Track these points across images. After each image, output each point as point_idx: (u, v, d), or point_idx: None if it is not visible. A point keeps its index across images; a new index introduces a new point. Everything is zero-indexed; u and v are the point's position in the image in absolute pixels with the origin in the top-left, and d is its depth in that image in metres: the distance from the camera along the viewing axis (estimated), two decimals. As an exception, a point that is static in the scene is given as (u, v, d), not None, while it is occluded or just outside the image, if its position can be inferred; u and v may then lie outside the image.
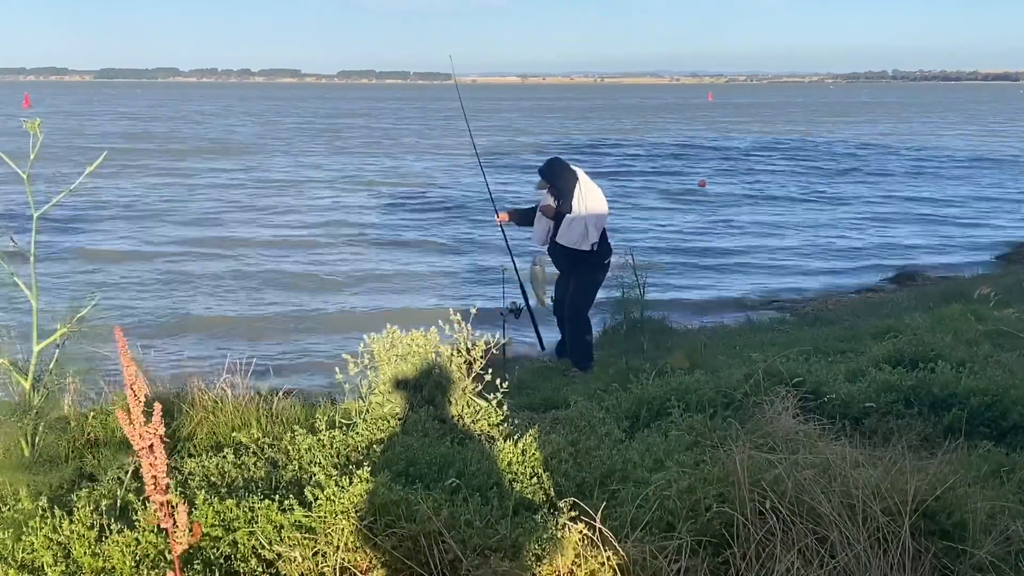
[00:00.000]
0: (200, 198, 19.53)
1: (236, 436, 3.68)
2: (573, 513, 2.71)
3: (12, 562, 2.58)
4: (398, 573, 2.57)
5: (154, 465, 1.81)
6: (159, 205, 18.18)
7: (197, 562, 2.57)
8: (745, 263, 13.84)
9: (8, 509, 2.99)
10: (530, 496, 3.06)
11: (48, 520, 2.68)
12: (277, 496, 2.79)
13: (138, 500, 2.84)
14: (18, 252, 3.57)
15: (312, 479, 2.94)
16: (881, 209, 19.48)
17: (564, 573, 2.52)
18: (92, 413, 4.01)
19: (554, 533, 2.60)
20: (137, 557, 2.57)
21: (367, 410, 3.90)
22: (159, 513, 1.85)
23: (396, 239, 15.02)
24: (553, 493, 3.09)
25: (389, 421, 3.76)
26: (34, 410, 3.46)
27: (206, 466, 3.26)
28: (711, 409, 3.98)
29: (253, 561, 2.62)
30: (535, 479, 3.16)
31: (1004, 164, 29.32)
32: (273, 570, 2.61)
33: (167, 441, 2.49)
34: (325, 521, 2.68)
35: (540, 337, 7.26)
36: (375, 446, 3.49)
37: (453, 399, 4.00)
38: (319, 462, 3.24)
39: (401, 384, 4.03)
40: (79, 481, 3.39)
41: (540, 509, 2.83)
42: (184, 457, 3.48)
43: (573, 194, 6.54)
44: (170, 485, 2.02)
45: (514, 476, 3.19)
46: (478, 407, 3.96)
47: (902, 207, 19.81)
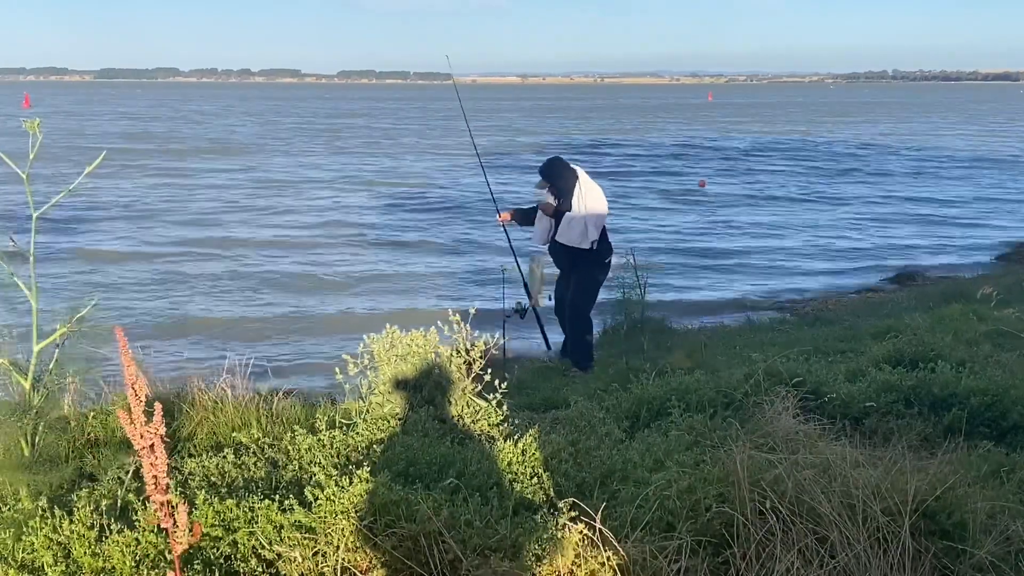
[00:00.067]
0: (200, 198, 19.52)
1: (236, 436, 3.68)
2: (573, 513, 2.71)
3: (12, 562, 2.58)
4: (398, 573, 2.57)
5: (155, 465, 1.81)
6: (158, 205, 18.18)
7: (197, 562, 2.57)
8: (745, 263, 13.83)
9: (8, 509, 2.99)
10: (530, 496, 3.06)
11: (48, 520, 2.68)
12: (277, 496, 2.79)
13: (138, 500, 2.84)
14: (18, 252, 3.57)
15: (312, 479, 2.94)
16: (881, 209, 19.48)
17: (564, 573, 2.52)
18: (92, 413, 4.01)
19: (554, 533, 2.60)
20: (137, 557, 2.57)
21: (367, 410, 3.90)
22: (159, 513, 1.85)
23: (396, 239, 15.01)
24: (553, 493, 3.09)
25: (389, 421, 3.76)
26: (34, 410, 3.46)
27: (206, 466, 3.26)
28: (711, 409, 3.98)
29: (253, 561, 2.62)
30: (535, 479, 3.16)
31: (1004, 164, 29.32)
32: (273, 570, 2.61)
33: (167, 441, 2.49)
34: (325, 521, 2.68)
35: (546, 337, 7.26)
36: (375, 446, 3.49)
37: (453, 399, 4.00)
38: (319, 462, 3.24)
39: (401, 384, 4.03)
40: (79, 481, 3.40)
41: (540, 509, 2.83)
42: (184, 457, 3.48)
43: (573, 193, 6.54)
44: (170, 485, 2.02)
45: (514, 476, 3.19)
46: (478, 407, 3.96)
47: (902, 207, 19.81)
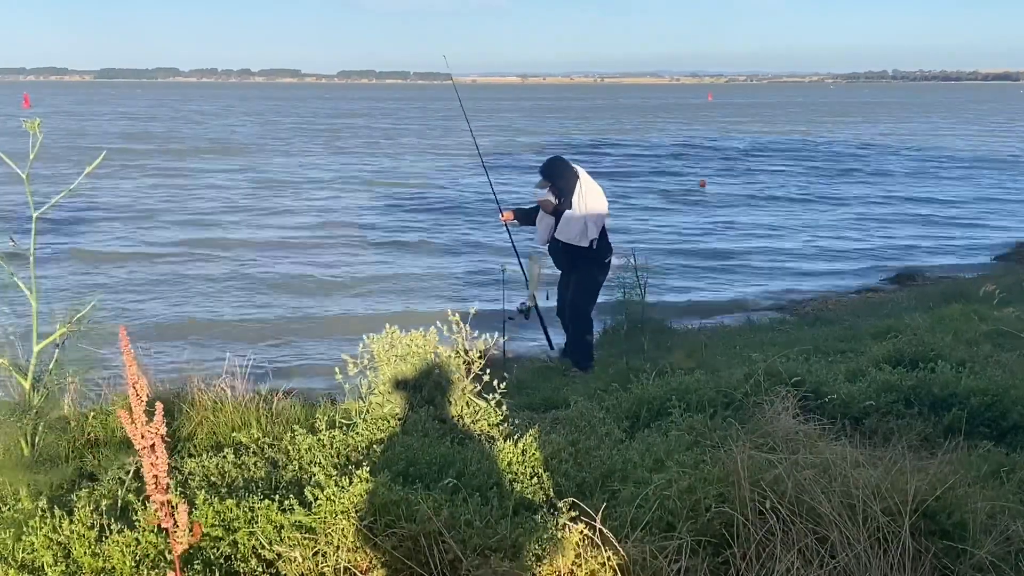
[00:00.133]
0: (199, 199, 19.52)
1: (236, 436, 3.68)
2: (573, 513, 2.71)
3: (12, 562, 2.58)
4: (398, 573, 2.57)
5: (155, 465, 1.81)
6: (158, 205, 18.17)
7: (197, 562, 2.57)
8: (745, 263, 13.83)
9: (8, 509, 2.99)
10: (530, 496, 3.06)
11: (48, 520, 2.68)
12: (277, 496, 2.79)
13: (138, 500, 2.84)
14: (18, 253, 3.57)
15: (312, 479, 2.94)
16: (881, 209, 19.49)
17: (564, 573, 2.52)
18: (92, 413, 4.01)
19: (554, 533, 2.60)
20: (137, 557, 2.57)
21: (367, 410, 3.90)
22: (159, 513, 1.85)
23: (395, 240, 15.01)
24: (553, 493, 3.09)
25: (389, 421, 3.76)
26: (34, 410, 3.46)
27: (206, 466, 3.26)
28: (711, 409, 3.98)
29: (253, 561, 2.62)
30: (535, 479, 3.16)
31: (1004, 164, 29.32)
32: (273, 570, 2.61)
33: (167, 441, 2.48)
34: (325, 521, 2.68)
35: (548, 337, 7.25)
36: (375, 446, 3.49)
37: (453, 399, 4.00)
38: (319, 462, 3.24)
39: (401, 384, 4.03)
40: (79, 481, 3.40)
41: (540, 509, 2.83)
42: (184, 457, 3.48)
43: (574, 192, 6.55)
44: (170, 485, 2.02)
45: (514, 476, 3.19)
46: (478, 407, 3.96)
47: (902, 207, 19.82)
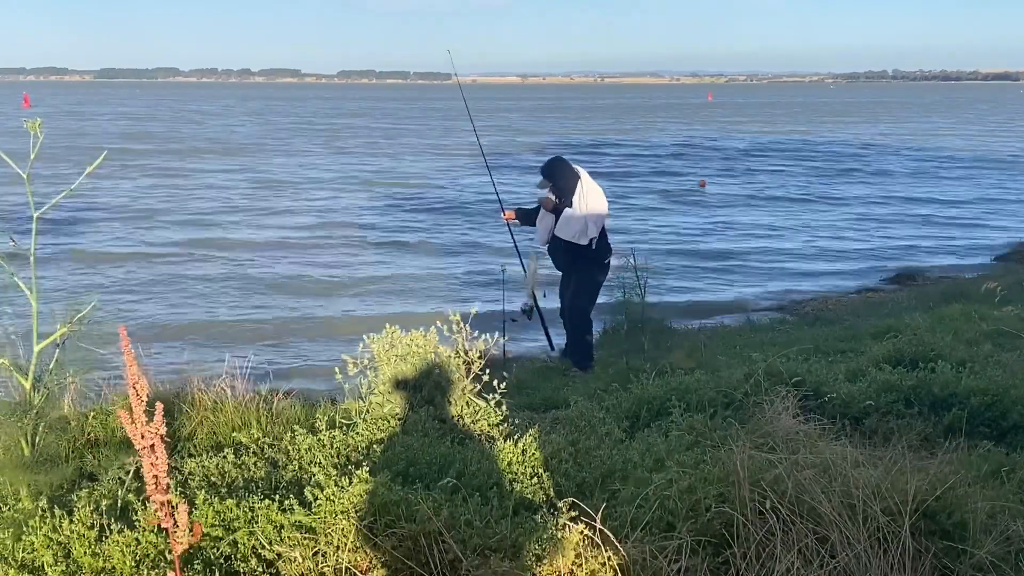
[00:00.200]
0: (199, 199, 19.53)
1: (236, 436, 3.68)
2: (573, 513, 2.71)
3: (12, 562, 2.58)
4: (398, 573, 2.57)
5: (155, 465, 1.81)
6: (158, 206, 18.17)
7: (197, 562, 2.57)
8: (745, 263, 13.84)
9: (8, 509, 2.99)
10: (530, 496, 3.06)
11: (48, 520, 2.68)
12: (277, 496, 2.79)
13: (138, 500, 2.84)
14: (17, 253, 3.57)
15: (312, 479, 2.94)
16: (881, 209, 19.49)
17: (564, 573, 2.52)
18: (92, 413, 4.01)
19: (554, 533, 2.60)
20: (137, 557, 2.57)
21: (367, 410, 3.90)
22: (159, 513, 1.85)
23: (396, 241, 15.00)
24: (553, 493, 3.09)
25: (389, 421, 3.76)
26: (34, 410, 3.46)
27: (206, 466, 3.26)
28: (711, 409, 3.98)
29: (253, 561, 2.62)
30: (535, 479, 3.16)
31: (1004, 164, 29.32)
32: (273, 570, 2.61)
33: (167, 441, 2.48)
34: (325, 521, 2.68)
35: (549, 338, 7.25)
36: (375, 446, 3.49)
37: (453, 399, 4.00)
38: (319, 462, 3.24)
39: (401, 384, 4.03)
40: (79, 481, 3.40)
41: (540, 509, 2.83)
42: (184, 457, 3.48)
43: (575, 192, 6.56)
44: (170, 485, 2.02)
45: (514, 476, 3.19)
46: (478, 407, 3.96)
47: (902, 207, 19.82)
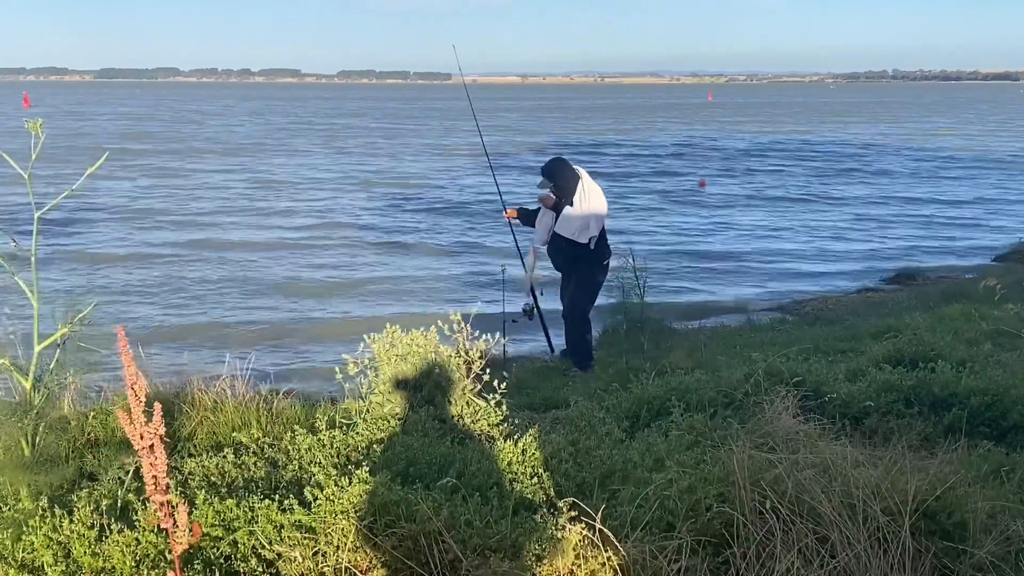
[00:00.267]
0: (199, 199, 19.52)
1: (236, 436, 3.68)
2: (573, 513, 2.71)
3: (12, 562, 2.58)
4: (398, 573, 2.57)
5: (154, 465, 1.81)
6: (157, 206, 18.15)
7: (197, 562, 2.57)
8: (745, 263, 13.83)
9: (8, 509, 2.99)
10: (530, 496, 3.06)
11: (48, 520, 2.68)
12: (277, 496, 2.79)
13: (138, 500, 2.84)
14: (18, 255, 3.57)
15: (312, 479, 2.94)
16: (881, 209, 19.48)
17: (564, 573, 2.52)
18: (92, 413, 4.01)
19: (554, 533, 2.60)
20: (137, 557, 2.57)
21: (367, 410, 3.90)
22: (159, 513, 1.85)
23: (396, 242, 14.98)
24: (553, 493, 3.09)
25: (389, 421, 3.76)
26: (35, 410, 3.46)
27: (206, 466, 3.26)
28: (711, 409, 3.98)
29: (253, 561, 2.62)
30: (535, 479, 3.16)
31: (1004, 164, 29.32)
32: (273, 570, 2.61)
33: (167, 441, 2.48)
34: (325, 521, 2.68)
35: (550, 340, 7.24)
36: (375, 446, 3.49)
37: (453, 399, 4.00)
38: (319, 462, 3.24)
39: (401, 384, 4.03)
40: (79, 481, 3.40)
41: (540, 509, 2.83)
42: (184, 457, 3.48)
43: (575, 192, 6.56)
44: (170, 485, 2.02)
45: (514, 476, 3.19)
46: (478, 407, 3.96)
47: (902, 207, 19.81)
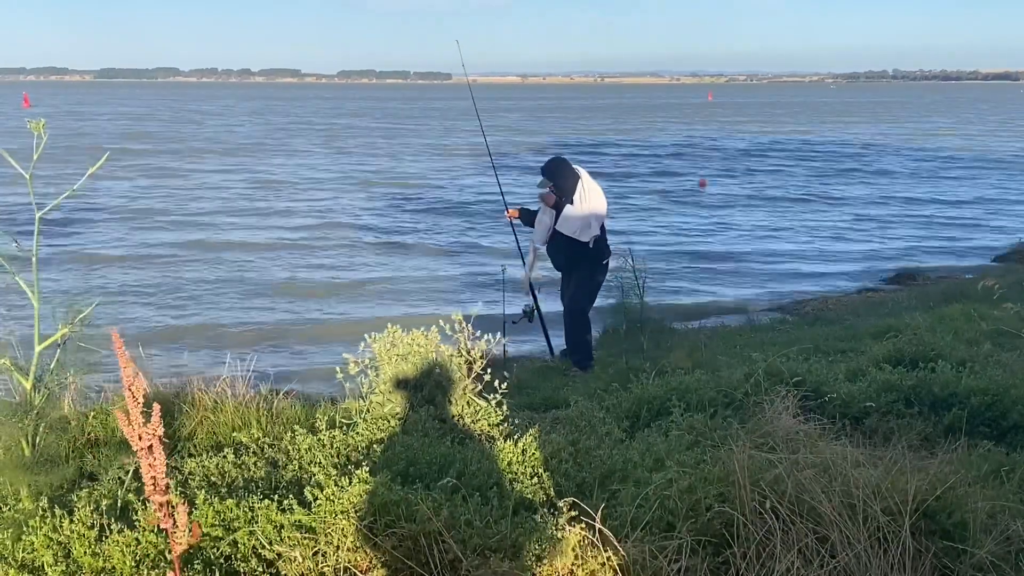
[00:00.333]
0: (198, 199, 19.52)
1: (236, 436, 3.68)
2: (573, 513, 2.71)
3: (12, 562, 2.58)
4: (398, 573, 2.57)
5: (153, 466, 1.81)
6: (157, 206, 18.15)
7: (197, 562, 2.57)
8: (745, 263, 13.83)
9: (8, 509, 2.99)
10: (530, 496, 3.06)
11: (48, 520, 2.68)
12: (277, 496, 2.79)
13: (138, 500, 2.84)
14: (18, 255, 3.57)
15: (312, 479, 2.94)
16: (882, 209, 19.48)
17: (564, 573, 2.52)
18: (92, 413, 4.01)
19: (554, 533, 2.60)
20: (137, 557, 2.57)
21: (367, 410, 3.90)
22: (159, 513, 1.85)
23: (395, 242, 14.98)
24: (553, 493, 3.09)
25: (389, 421, 3.76)
26: (35, 410, 3.46)
27: (206, 466, 3.26)
28: (711, 409, 3.98)
29: (253, 561, 2.62)
30: (535, 479, 3.16)
31: (1004, 164, 29.32)
32: (273, 570, 2.61)
33: (166, 441, 2.48)
34: (325, 521, 2.68)
35: (550, 343, 7.23)
36: (375, 446, 3.49)
37: (453, 399, 4.00)
38: (319, 462, 3.24)
39: (401, 384, 4.03)
40: (79, 481, 3.40)
41: (540, 509, 2.83)
42: (184, 457, 3.48)
43: (575, 191, 6.56)
44: (170, 485, 2.02)
45: (514, 476, 3.19)
46: (478, 407, 3.96)
47: (902, 207, 19.81)
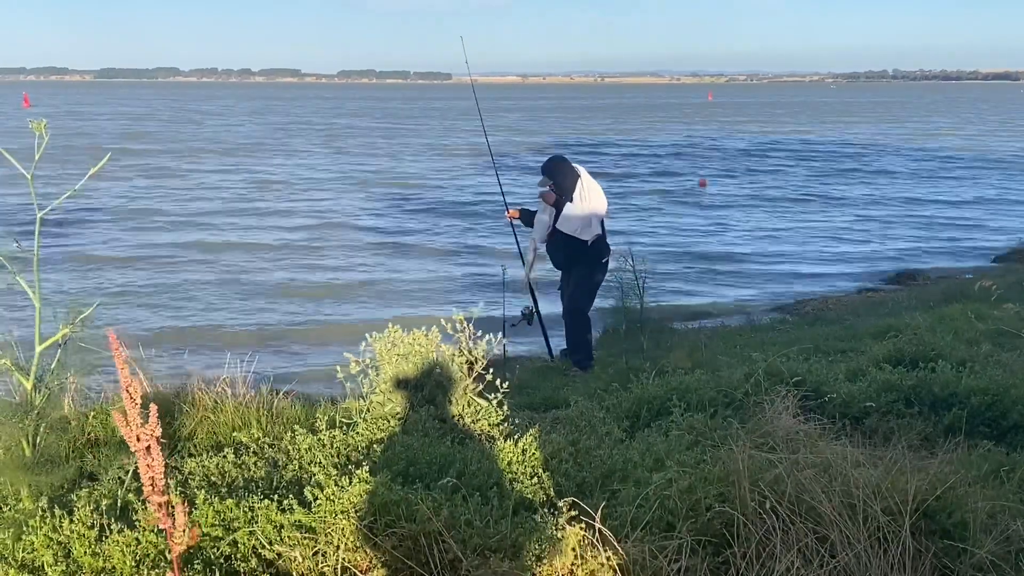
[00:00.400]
0: (198, 199, 19.53)
1: (236, 436, 3.68)
2: (573, 513, 2.71)
3: (12, 562, 2.58)
4: (398, 573, 2.57)
5: (151, 466, 1.81)
6: (156, 207, 18.15)
7: (197, 562, 2.57)
8: (745, 263, 13.84)
9: (9, 509, 2.99)
10: (530, 496, 3.06)
11: (48, 520, 2.68)
12: (277, 496, 2.79)
13: (138, 500, 2.84)
14: (18, 256, 3.57)
15: (312, 479, 2.94)
16: (882, 210, 19.48)
17: (564, 573, 2.52)
18: (92, 413, 4.01)
19: (554, 533, 2.60)
20: (137, 557, 2.57)
21: (367, 409, 3.90)
22: (158, 514, 1.85)
23: (396, 243, 14.96)
24: (553, 493, 3.09)
25: (389, 421, 3.75)
26: (36, 410, 3.46)
27: (206, 466, 3.26)
28: (712, 408, 3.98)
29: (253, 561, 2.62)
30: (535, 479, 3.16)
31: (1004, 164, 29.32)
32: (273, 570, 2.61)
33: (165, 442, 2.48)
34: (325, 521, 2.68)
35: (549, 345, 7.22)
36: (375, 446, 3.49)
37: (454, 399, 4.00)
38: (319, 462, 3.24)
39: (402, 384, 4.03)
40: (80, 481, 3.40)
41: (540, 509, 2.83)
42: (184, 457, 3.48)
43: (575, 190, 6.56)
44: (169, 486, 2.02)
45: (514, 476, 3.19)
46: (478, 407, 3.96)
47: (903, 208, 19.81)
